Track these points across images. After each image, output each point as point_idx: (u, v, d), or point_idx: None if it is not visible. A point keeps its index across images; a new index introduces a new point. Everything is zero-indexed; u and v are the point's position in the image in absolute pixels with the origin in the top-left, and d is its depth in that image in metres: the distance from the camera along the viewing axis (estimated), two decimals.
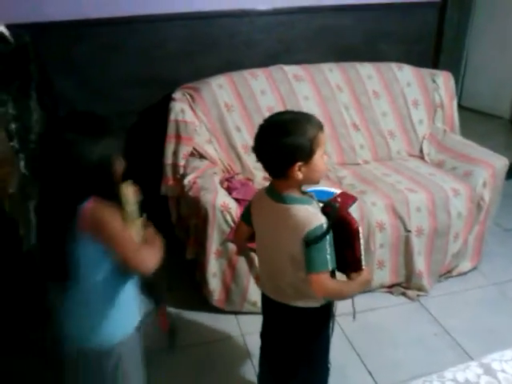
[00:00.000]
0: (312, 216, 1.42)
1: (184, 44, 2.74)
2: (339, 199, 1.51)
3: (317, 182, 1.48)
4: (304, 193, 1.51)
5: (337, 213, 1.45)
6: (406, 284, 2.58)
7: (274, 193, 1.49)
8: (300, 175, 1.41)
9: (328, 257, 1.40)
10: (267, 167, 1.46)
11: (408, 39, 3.13)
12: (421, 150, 2.94)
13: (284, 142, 1.38)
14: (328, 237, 1.41)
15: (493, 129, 4.42)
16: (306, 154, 1.39)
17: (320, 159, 1.43)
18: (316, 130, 1.41)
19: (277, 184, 1.48)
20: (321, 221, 1.41)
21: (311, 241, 1.39)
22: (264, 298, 1.68)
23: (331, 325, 1.67)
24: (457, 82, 3.14)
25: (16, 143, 2.11)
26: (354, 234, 1.46)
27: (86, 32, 2.60)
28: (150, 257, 1.46)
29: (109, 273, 1.37)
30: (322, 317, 1.62)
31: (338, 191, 1.58)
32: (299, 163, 1.39)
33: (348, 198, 1.52)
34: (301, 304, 1.55)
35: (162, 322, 1.60)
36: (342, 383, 2.04)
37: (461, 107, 3.15)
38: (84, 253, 1.33)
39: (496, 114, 4.69)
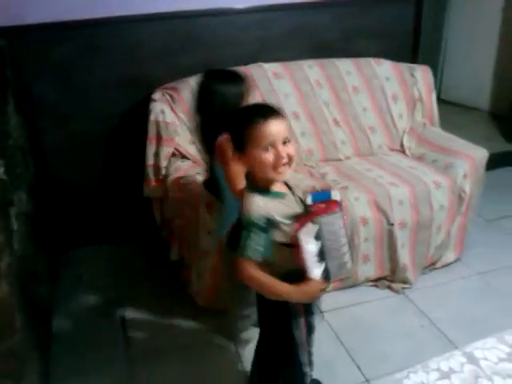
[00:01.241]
0: (253, 206, 1.43)
1: (164, 44, 2.73)
2: (322, 205, 1.48)
3: (264, 174, 1.45)
4: (287, 184, 1.52)
5: (299, 217, 1.44)
6: (391, 277, 2.60)
7: (247, 181, 1.53)
8: (247, 166, 1.46)
9: (256, 247, 1.40)
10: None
11: (385, 35, 3.15)
12: (401, 144, 2.96)
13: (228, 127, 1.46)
14: (265, 232, 1.41)
15: (472, 121, 4.47)
16: (238, 141, 1.44)
17: (257, 152, 1.41)
18: (253, 118, 1.41)
19: (248, 173, 1.53)
20: (257, 213, 1.41)
21: (244, 226, 1.43)
22: None
23: (299, 323, 1.61)
24: (435, 76, 3.17)
25: None
26: (293, 237, 1.41)
27: (65, 34, 2.57)
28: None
29: None
30: (281, 311, 1.57)
31: (337, 196, 1.55)
32: (236, 152, 1.45)
33: (329, 207, 1.48)
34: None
35: None
36: (330, 378, 2.04)
37: (440, 101, 3.19)
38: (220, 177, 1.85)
39: (475, 107, 4.74)
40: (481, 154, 2.67)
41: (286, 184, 1.54)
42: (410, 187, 2.51)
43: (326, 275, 1.49)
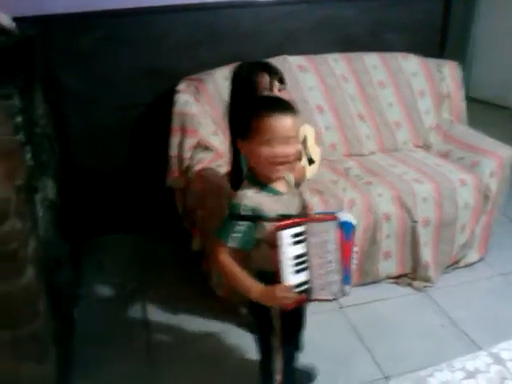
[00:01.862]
0: (241, 194, 1.42)
1: (189, 35, 2.73)
2: (317, 215, 1.50)
3: (263, 170, 1.42)
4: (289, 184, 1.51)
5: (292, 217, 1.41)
6: (413, 275, 2.57)
7: (249, 171, 1.52)
8: (245, 152, 1.44)
9: (234, 234, 1.38)
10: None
11: (413, 29, 3.10)
12: (427, 141, 2.92)
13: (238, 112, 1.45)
14: (246, 222, 1.38)
15: (500, 119, 4.39)
16: (243, 129, 1.41)
17: (261, 148, 1.38)
18: (264, 111, 1.37)
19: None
20: (242, 202, 1.40)
21: (228, 211, 1.42)
22: None
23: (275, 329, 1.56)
24: (463, 73, 3.12)
25: (22, 136, 2.11)
26: (274, 235, 1.34)
27: (91, 24, 2.59)
28: None
29: None
30: (264, 315, 1.54)
31: (348, 217, 1.51)
32: (239, 140, 1.43)
33: (323, 217, 1.46)
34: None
35: None
36: (348, 373, 2.05)
37: (468, 98, 3.13)
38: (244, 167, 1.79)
39: (503, 105, 4.65)
40: (508, 153, 2.62)
41: (289, 183, 1.52)
42: (435, 184, 2.47)
43: (306, 289, 1.40)
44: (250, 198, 1.41)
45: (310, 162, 2.19)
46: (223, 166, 2.40)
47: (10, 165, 1.62)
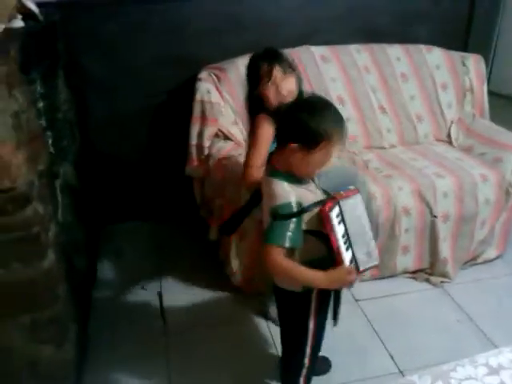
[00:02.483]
0: (283, 192, 1.40)
1: (211, 23, 2.71)
2: (341, 192, 1.48)
3: (299, 175, 1.44)
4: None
5: (324, 202, 1.42)
6: (430, 270, 2.56)
7: (269, 166, 1.50)
8: (291, 158, 1.39)
9: (288, 234, 1.37)
10: (277, 132, 1.49)
11: (438, 20, 3.05)
12: (449, 135, 2.89)
13: (299, 115, 1.37)
14: (296, 218, 1.38)
15: None
16: (308, 141, 1.36)
17: (314, 163, 1.39)
18: (334, 136, 1.36)
19: (274, 157, 1.48)
20: (289, 200, 1.39)
21: (274, 215, 1.40)
22: None
23: (313, 314, 1.59)
24: (486, 66, 3.06)
25: (44, 121, 2.13)
26: (324, 219, 1.38)
27: (114, 11, 2.59)
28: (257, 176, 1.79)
29: None
30: (303, 302, 1.56)
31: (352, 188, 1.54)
32: (295, 145, 1.37)
33: (348, 192, 1.48)
34: (284, 286, 1.56)
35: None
36: (363, 365, 2.05)
37: (490, 93, 3.07)
38: None
39: None
40: None
41: None
42: (456, 179, 2.44)
43: (355, 264, 1.47)
44: (290, 192, 1.41)
45: None
46: (242, 155, 2.40)
47: (33, 149, 1.64)
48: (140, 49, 2.67)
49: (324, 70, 2.73)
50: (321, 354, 1.81)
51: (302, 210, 1.39)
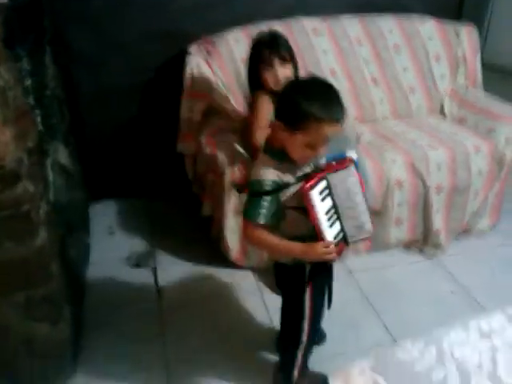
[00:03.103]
0: (262, 170, 1.40)
1: None
2: (333, 163, 1.45)
3: (292, 157, 1.41)
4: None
5: (310, 175, 1.40)
6: (424, 241, 2.57)
7: (266, 143, 1.49)
8: (279, 135, 1.38)
9: (261, 211, 1.37)
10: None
11: None
12: (442, 106, 2.87)
13: (292, 93, 1.36)
14: (271, 196, 1.37)
15: None
16: (291, 121, 1.34)
17: (299, 145, 1.36)
18: (322, 118, 1.31)
19: (269, 135, 1.48)
20: (263, 177, 1.38)
21: (249, 191, 1.42)
22: None
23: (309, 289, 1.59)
24: (480, 38, 3.03)
25: (32, 99, 2.09)
26: (304, 197, 1.36)
27: None
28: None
29: None
30: (296, 276, 1.56)
31: (353, 155, 1.52)
32: (281, 123, 1.36)
33: (340, 164, 1.45)
34: (276, 258, 1.58)
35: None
36: (357, 336, 2.07)
37: (484, 65, 3.05)
38: None
39: None
40: None
41: None
42: (449, 150, 2.44)
43: (343, 236, 1.46)
44: (271, 171, 1.39)
45: None
46: (235, 130, 2.38)
47: (21, 127, 1.61)
48: (127, 23, 2.62)
49: (316, 42, 2.69)
50: None
51: (277, 189, 1.38)
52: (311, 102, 1.31)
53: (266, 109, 2.03)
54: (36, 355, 1.80)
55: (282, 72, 2.00)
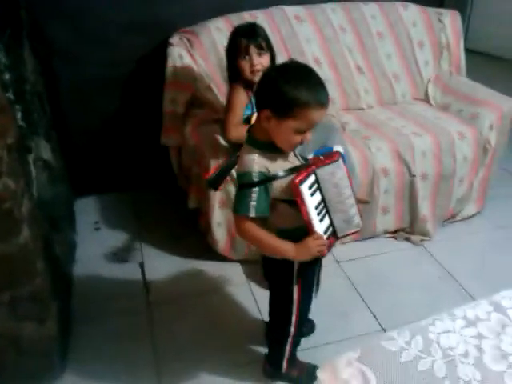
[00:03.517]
0: (248, 161, 1.38)
1: None
2: (321, 157, 1.45)
3: (280, 146, 1.40)
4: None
5: (299, 169, 1.39)
6: (410, 229, 2.58)
7: (249, 134, 1.46)
8: (266, 125, 1.36)
9: (251, 203, 1.36)
10: (255, 99, 1.46)
11: None
12: (426, 93, 2.87)
13: (276, 80, 1.33)
14: (259, 188, 1.36)
15: (501, 72, 4.31)
16: (280, 108, 1.32)
17: (292, 131, 1.34)
18: (310, 103, 1.29)
19: (254, 125, 1.46)
20: (250, 169, 1.36)
21: (238, 183, 1.41)
22: None
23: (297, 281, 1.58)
24: (463, 23, 3.03)
25: (11, 94, 2.05)
26: (293, 191, 1.36)
27: None
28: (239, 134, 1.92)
29: None
30: (286, 270, 1.56)
31: (339, 148, 1.52)
32: (268, 112, 1.34)
33: (328, 158, 1.44)
34: (266, 253, 1.56)
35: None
36: (346, 325, 2.07)
37: (467, 50, 3.05)
38: None
39: (504, 57, 4.56)
40: (508, 105, 2.59)
41: None
42: (434, 137, 2.44)
43: (333, 231, 1.46)
44: (257, 162, 1.38)
45: None
46: (219, 121, 2.36)
47: (0, 123, 1.58)
48: (106, 15, 2.55)
49: (299, 30, 2.67)
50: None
51: (265, 180, 1.36)
52: (298, 88, 1.30)
53: (240, 103, 2.06)
54: (23, 354, 1.78)
55: (259, 61, 2.01)
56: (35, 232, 1.72)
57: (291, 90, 1.29)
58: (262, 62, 2.02)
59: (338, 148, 1.54)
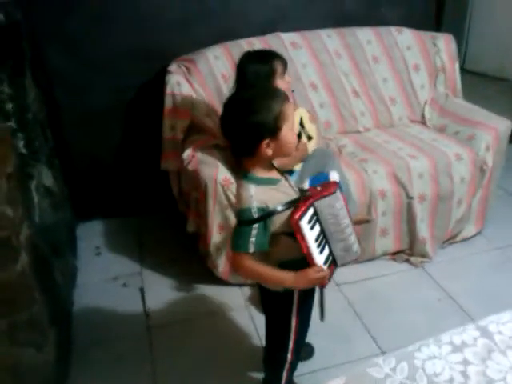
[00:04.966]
0: (247, 198, 1.38)
1: (178, 14, 2.66)
2: (318, 188, 1.45)
3: (289, 155, 1.44)
4: (278, 170, 1.48)
5: (298, 201, 1.40)
6: (410, 251, 2.58)
7: (242, 170, 1.45)
8: (269, 152, 1.38)
9: (251, 239, 1.36)
10: (235, 147, 1.43)
11: (407, 1, 3.05)
12: (423, 116, 2.90)
13: (249, 120, 1.35)
14: (259, 223, 1.36)
15: (498, 92, 4.33)
16: (273, 129, 1.36)
17: (289, 132, 1.39)
18: (280, 104, 1.36)
19: (245, 162, 1.43)
20: (250, 205, 1.37)
21: (237, 220, 1.41)
22: None
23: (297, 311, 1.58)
24: (460, 45, 3.06)
25: (14, 123, 2.10)
26: (293, 226, 1.36)
27: (76, 4, 2.53)
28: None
29: None
30: (285, 301, 1.56)
31: (335, 177, 1.53)
32: (266, 140, 1.36)
33: (326, 190, 1.45)
34: (267, 286, 1.56)
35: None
36: (346, 349, 2.06)
37: (464, 71, 3.09)
38: None
39: (501, 77, 4.60)
40: (504, 126, 2.61)
41: (277, 169, 1.50)
42: (431, 159, 2.46)
43: (333, 260, 1.47)
44: (256, 198, 1.38)
45: (309, 138, 2.26)
46: (218, 147, 2.38)
47: (0, 152, 1.61)
48: (107, 43, 2.61)
49: (295, 56, 2.71)
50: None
51: (265, 215, 1.37)
52: (269, 104, 1.36)
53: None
54: (22, 380, 1.79)
55: (287, 76, 2.11)
56: (34, 259, 1.74)
57: (267, 111, 1.35)
58: (288, 78, 2.12)
59: (333, 174, 1.54)
